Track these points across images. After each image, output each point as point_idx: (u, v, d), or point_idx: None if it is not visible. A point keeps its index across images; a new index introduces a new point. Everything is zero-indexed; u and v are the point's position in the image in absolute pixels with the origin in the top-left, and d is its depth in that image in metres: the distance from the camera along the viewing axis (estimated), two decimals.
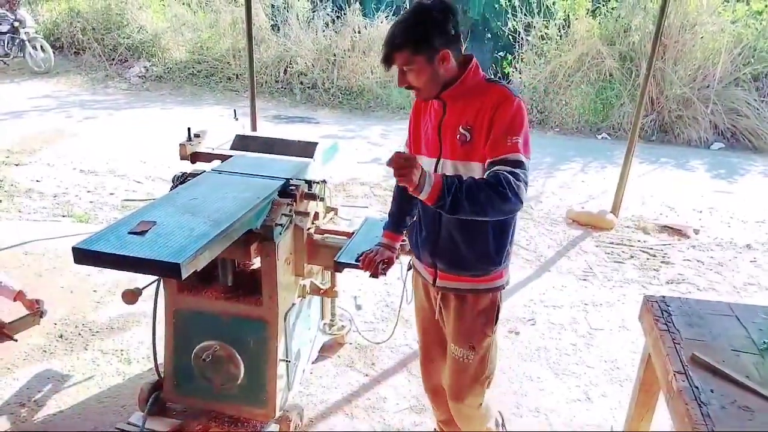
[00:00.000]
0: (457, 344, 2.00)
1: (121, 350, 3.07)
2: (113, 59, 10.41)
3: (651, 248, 4.48)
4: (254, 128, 5.19)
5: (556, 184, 6.08)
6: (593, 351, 3.23)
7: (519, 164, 1.69)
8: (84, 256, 1.86)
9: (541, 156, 7.12)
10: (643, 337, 3.26)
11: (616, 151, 7.31)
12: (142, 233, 1.92)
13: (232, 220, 2.05)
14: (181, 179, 2.51)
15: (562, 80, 8.46)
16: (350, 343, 3.20)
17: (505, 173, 1.65)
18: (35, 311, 2.97)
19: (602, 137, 8.04)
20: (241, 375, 2.40)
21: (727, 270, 4.22)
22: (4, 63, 10.12)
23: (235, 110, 3.47)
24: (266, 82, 9.76)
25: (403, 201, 2.17)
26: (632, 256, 4.34)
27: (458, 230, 1.88)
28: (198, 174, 2.55)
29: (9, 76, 10.00)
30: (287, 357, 2.47)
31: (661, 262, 4.27)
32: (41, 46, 9.95)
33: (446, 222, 1.89)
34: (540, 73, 8.55)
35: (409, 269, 2.24)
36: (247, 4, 4.79)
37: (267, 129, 7.12)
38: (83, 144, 6.99)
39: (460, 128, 1.80)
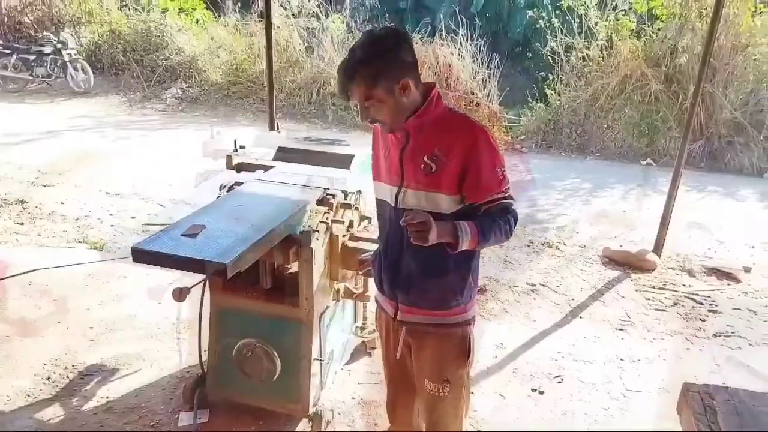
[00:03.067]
0: (431, 380, 1.93)
1: (107, 398, 2.87)
2: (151, 81, 10.56)
3: (697, 294, 4.03)
4: (272, 128, 5.05)
5: (594, 213, 5.68)
6: (628, 417, 2.85)
7: (511, 197, 1.78)
8: (142, 255, 2.04)
9: (579, 182, 6.73)
10: None
11: (660, 178, 6.85)
12: (193, 235, 2.13)
13: (273, 225, 2.26)
14: (228, 187, 2.74)
15: (603, 103, 8.05)
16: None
17: (506, 209, 1.77)
18: None
19: (646, 163, 7.58)
20: (278, 371, 2.54)
21: None
22: (47, 84, 10.39)
23: (277, 122, 3.66)
24: (299, 103, 9.68)
25: None
26: (676, 303, 3.91)
27: (419, 260, 1.82)
28: (242, 183, 2.77)
29: (50, 96, 10.25)
30: (321, 357, 2.62)
31: (709, 310, 3.83)
32: (82, 68, 10.18)
33: (408, 251, 1.83)
34: (580, 96, 8.16)
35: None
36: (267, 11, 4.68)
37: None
38: (113, 165, 7.00)
39: (425, 158, 1.75)
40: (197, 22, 11.22)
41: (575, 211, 5.77)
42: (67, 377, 3.00)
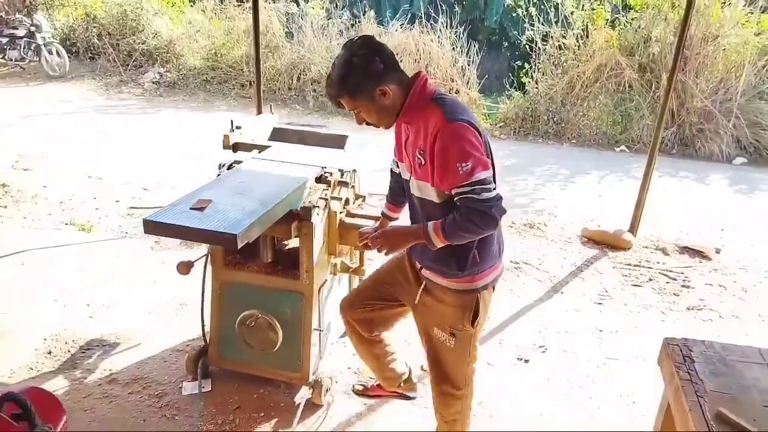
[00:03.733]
0: (439, 328, 2.11)
1: (110, 370, 2.94)
2: (128, 65, 10.41)
3: (671, 271, 4.26)
4: (259, 112, 5.09)
5: (571, 198, 5.88)
6: (607, 383, 3.04)
7: (478, 184, 1.78)
8: (153, 226, 2.15)
9: (556, 168, 6.93)
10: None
11: (634, 165, 7.09)
12: (201, 209, 2.22)
13: (277, 200, 2.37)
14: (227, 166, 2.84)
15: (579, 91, 8.25)
16: None
17: (468, 206, 1.79)
18: None
19: (620, 150, 7.81)
20: (280, 341, 2.65)
21: (751, 296, 3.99)
22: (21, 67, 10.17)
23: (271, 105, 3.65)
24: (279, 89, 9.67)
25: (395, 178, 2.34)
26: (651, 279, 4.13)
27: None
28: (241, 162, 2.85)
29: (24, 80, 10.04)
30: (320, 327, 2.73)
31: (682, 286, 4.05)
32: (57, 51, 9.97)
33: (422, 220, 2.00)
34: (557, 84, 8.35)
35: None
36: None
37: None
38: (93, 149, 6.94)
39: (417, 152, 1.94)
40: (173, 5, 11.09)
41: (553, 195, 5.96)
42: (69, 351, 3.06)
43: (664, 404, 1.77)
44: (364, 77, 1.83)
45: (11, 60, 10.03)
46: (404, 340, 2.93)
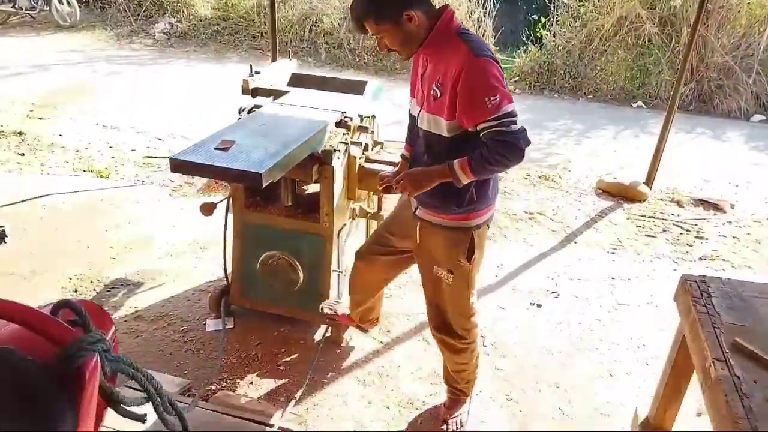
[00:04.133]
0: (438, 266, 2.14)
1: (136, 307, 3.04)
2: (138, 14, 10.27)
3: (685, 222, 4.27)
4: (275, 58, 5.06)
5: (586, 153, 5.85)
6: (618, 327, 3.10)
7: (506, 117, 1.79)
8: (179, 165, 2.19)
9: (571, 123, 6.86)
10: (672, 315, 3.14)
11: (651, 120, 7.01)
12: (225, 149, 2.25)
13: (299, 142, 2.39)
14: (248, 110, 2.85)
15: (598, 45, 8.09)
16: None
17: (497, 139, 1.78)
18: None
19: (637, 105, 7.70)
20: (300, 281, 2.73)
21: (765, 247, 4.00)
22: (31, 17, 10.07)
23: (289, 50, 3.50)
24: (290, 41, 9.53)
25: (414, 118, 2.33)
26: (665, 230, 4.15)
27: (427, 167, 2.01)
28: (261, 106, 2.87)
29: (35, 30, 9.95)
30: (339, 269, 2.79)
31: (695, 237, 4.07)
32: (67, 0, 9.85)
33: (421, 163, 2.05)
34: (575, 37, 8.18)
35: None
36: None
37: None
38: (107, 99, 6.95)
39: (434, 85, 1.91)
40: None
41: (568, 150, 5.93)
42: (95, 290, 3.16)
43: (678, 338, 1.82)
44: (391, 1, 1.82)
45: (21, 9, 9.92)
46: (423, 340, 2.95)
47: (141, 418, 1.09)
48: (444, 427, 2.37)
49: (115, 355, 1.08)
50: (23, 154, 5.25)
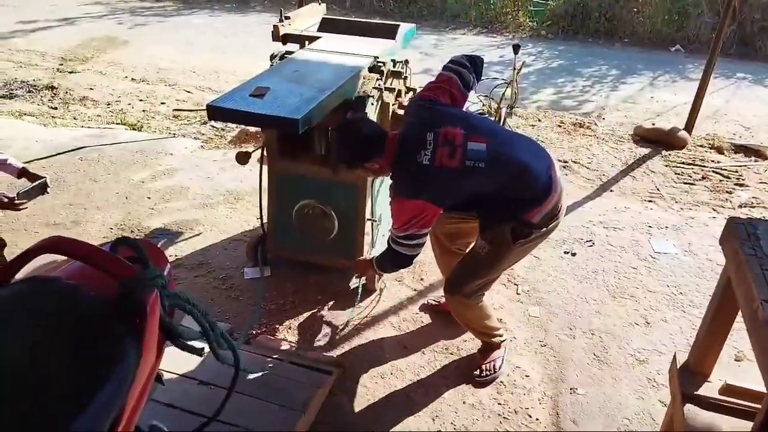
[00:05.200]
0: (480, 238, 2.18)
1: (176, 255, 3.11)
2: None
3: (725, 169, 4.15)
4: (300, 4, 4.98)
5: (621, 99, 5.69)
6: (655, 275, 3.07)
7: (394, 232, 2.11)
8: (217, 112, 2.21)
9: (606, 68, 6.65)
10: (711, 263, 3.10)
11: (689, 65, 6.75)
12: (260, 96, 2.24)
13: (334, 87, 2.37)
14: (279, 56, 2.84)
15: None
16: None
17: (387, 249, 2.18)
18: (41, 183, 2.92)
19: (675, 49, 7.41)
20: (335, 229, 2.73)
21: None
22: None
23: None
24: None
25: None
26: (704, 177, 4.04)
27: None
28: (293, 52, 2.85)
29: None
30: (373, 217, 2.78)
31: (735, 184, 3.97)
32: None
33: None
34: None
35: None
36: None
37: None
38: (134, 52, 6.95)
39: None
40: None
41: (602, 97, 5.77)
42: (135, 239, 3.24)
43: (723, 281, 1.79)
44: (360, 158, 2.13)
45: None
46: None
47: (199, 352, 1.13)
48: (477, 371, 2.42)
49: (173, 291, 1.11)
50: (56, 108, 5.33)
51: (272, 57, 2.91)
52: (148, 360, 1.02)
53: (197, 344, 1.14)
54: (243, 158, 2.69)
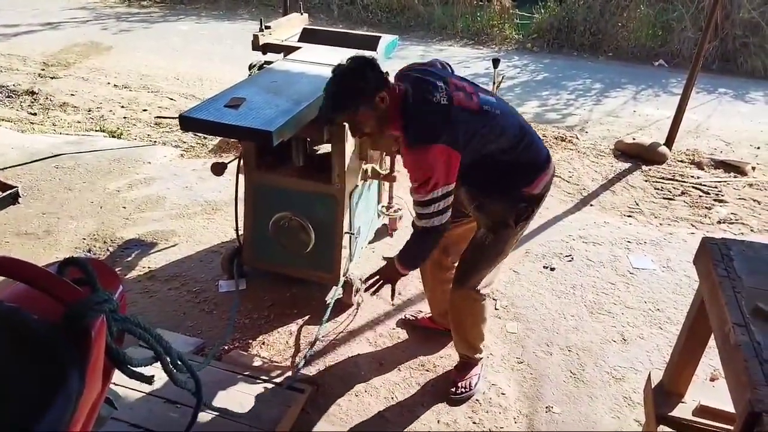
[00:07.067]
0: (485, 227, 2.14)
1: (149, 267, 3.05)
2: None
3: (704, 185, 4.17)
4: (286, 12, 4.96)
5: (604, 112, 5.71)
6: (633, 291, 3.06)
7: (418, 218, 1.96)
8: (189, 123, 2.18)
9: (590, 82, 6.69)
10: (689, 280, 3.10)
11: (672, 80, 6.80)
12: (235, 107, 2.22)
13: (311, 99, 2.34)
14: (258, 66, 2.82)
15: (620, 0, 7.81)
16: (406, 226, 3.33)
17: (415, 230, 2.01)
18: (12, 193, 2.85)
19: (659, 64, 7.47)
20: (312, 242, 2.69)
21: None
22: None
23: (301, 4, 3.55)
24: None
25: None
26: (683, 193, 4.06)
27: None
28: (272, 62, 2.84)
29: None
30: (351, 230, 2.76)
31: (714, 200, 3.98)
32: None
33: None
34: None
35: None
36: None
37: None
38: (118, 58, 6.88)
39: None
40: None
41: (586, 111, 5.79)
42: (108, 250, 3.18)
43: (697, 302, 1.78)
44: (359, 94, 1.92)
45: None
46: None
47: (148, 380, 1.09)
48: (453, 389, 2.38)
49: (123, 315, 1.07)
50: (35, 114, 5.25)
51: (251, 67, 2.89)
52: (92, 388, 0.98)
53: (148, 371, 1.09)
54: (218, 169, 2.66)
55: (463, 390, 2.37)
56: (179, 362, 1.21)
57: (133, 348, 1.97)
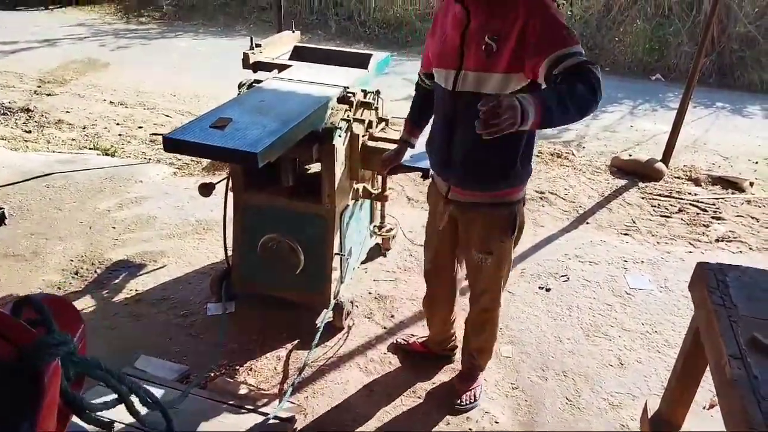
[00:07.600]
0: (477, 250, 2.07)
1: (137, 290, 3.00)
2: None
3: (702, 202, 4.12)
4: (280, 29, 4.95)
5: (601, 127, 5.68)
6: (630, 312, 3.00)
7: (585, 58, 1.60)
8: (173, 145, 2.11)
9: None
10: (687, 300, 3.03)
11: (669, 94, 6.78)
12: (221, 127, 2.16)
13: (299, 119, 2.28)
14: (247, 85, 2.75)
15: (616, 14, 7.82)
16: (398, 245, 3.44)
17: (582, 73, 1.54)
18: None
19: (655, 78, 7.46)
20: (301, 264, 2.63)
21: None
22: None
23: (292, 21, 3.53)
24: (300, 13, 9.37)
25: (423, 95, 2.25)
26: (681, 210, 4.01)
27: (467, 144, 1.88)
28: (261, 81, 2.77)
29: (42, 3, 9.87)
30: (342, 251, 2.70)
31: (712, 217, 3.93)
32: None
33: (457, 135, 1.91)
34: (593, 6, 7.92)
35: (424, 178, 2.41)
36: None
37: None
38: (115, 74, 6.88)
39: (486, 38, 1.73)
40: None
41: (582, 126, 5.75)
42: (95, 272, 3.12)
43: (692, 330, 1.72)
44: None
45: None
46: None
47: (108, 426, 1.03)
48: (458, 401, 2.35)
49: (82, 356, 1.01)
50: (30, 131, 5.22)
51: (240, 85, 2.85)
52: None
53: (108, 415, 1.03)
54: (205, 191, 2.61)
55: (468, 401, 2.36)
56: (148, 400, 1.15)
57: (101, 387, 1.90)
